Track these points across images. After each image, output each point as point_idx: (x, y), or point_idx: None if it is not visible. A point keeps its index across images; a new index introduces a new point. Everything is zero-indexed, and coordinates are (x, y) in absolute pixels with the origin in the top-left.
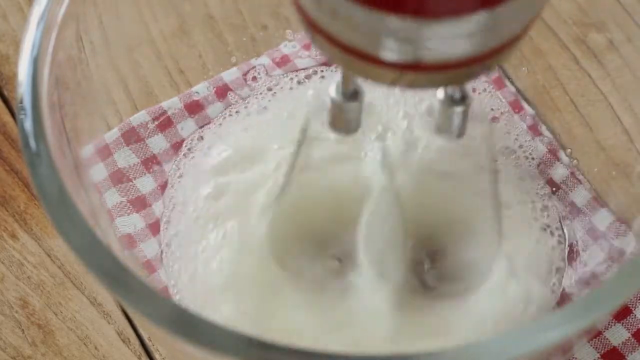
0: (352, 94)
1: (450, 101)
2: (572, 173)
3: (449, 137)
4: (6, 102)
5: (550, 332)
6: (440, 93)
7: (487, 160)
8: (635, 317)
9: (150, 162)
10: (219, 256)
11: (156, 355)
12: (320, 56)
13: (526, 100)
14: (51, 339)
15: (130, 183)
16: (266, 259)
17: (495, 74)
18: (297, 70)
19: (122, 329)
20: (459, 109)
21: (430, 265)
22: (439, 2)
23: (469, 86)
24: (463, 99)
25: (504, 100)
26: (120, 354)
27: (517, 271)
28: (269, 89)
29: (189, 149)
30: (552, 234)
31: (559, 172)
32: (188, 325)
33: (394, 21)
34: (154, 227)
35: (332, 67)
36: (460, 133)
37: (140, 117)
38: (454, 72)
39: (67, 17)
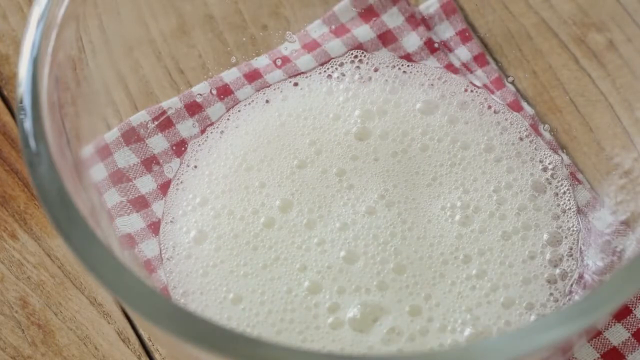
0: None
1: None
2: (572, 173)
3: None
4: (6, 102)
5: (550, 332)
6: None
7: None
8: (635, 317)
9: (150, 162)
10: None
11: (156, 355)
12: (323, 57)
13: (526, 100)
14: (51, 339)
15: (130, 183)
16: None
17: (495, 74)
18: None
19: (122, 329)
20: None
21: None
22: None
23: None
24: None
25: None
26: (120, 354)
27: None
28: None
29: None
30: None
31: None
32: (188, 325)
33: None
34: (154, 227)
35: (333, 66)
36: None
37: (140, 117)
38: None
39: (67, 17)
